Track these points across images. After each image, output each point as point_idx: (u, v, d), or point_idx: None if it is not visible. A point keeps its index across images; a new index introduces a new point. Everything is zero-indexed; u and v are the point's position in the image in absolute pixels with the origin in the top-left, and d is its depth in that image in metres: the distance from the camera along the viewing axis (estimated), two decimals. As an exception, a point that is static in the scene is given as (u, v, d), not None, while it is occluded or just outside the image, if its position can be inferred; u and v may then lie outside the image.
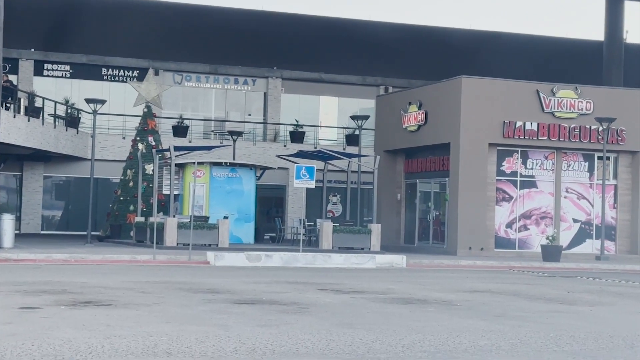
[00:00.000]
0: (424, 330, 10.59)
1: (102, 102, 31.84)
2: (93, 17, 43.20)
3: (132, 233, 33.21)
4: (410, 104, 34.69)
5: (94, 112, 31.34)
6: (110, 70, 43.59)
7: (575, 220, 33.44)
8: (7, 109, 32.84)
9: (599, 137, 32.44)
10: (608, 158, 33.28)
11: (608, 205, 33.17)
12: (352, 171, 35.34)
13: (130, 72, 43.59)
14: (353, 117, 37.33)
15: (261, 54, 44.88)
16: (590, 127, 32.70)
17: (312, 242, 31.70)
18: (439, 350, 9.13)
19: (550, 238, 30.39)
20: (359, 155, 34.48)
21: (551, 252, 29.62)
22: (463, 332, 10.45)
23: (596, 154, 33.26)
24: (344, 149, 40.58)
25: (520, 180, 32.95)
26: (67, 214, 42.58)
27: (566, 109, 32.74)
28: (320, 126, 45.81)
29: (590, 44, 48.77)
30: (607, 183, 32.94)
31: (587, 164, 33.55)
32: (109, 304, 12.53)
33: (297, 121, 43.68)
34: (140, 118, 36.97)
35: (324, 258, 25.58)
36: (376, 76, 46.58)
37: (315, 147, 40.28)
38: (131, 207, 34.86)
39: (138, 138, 36.09)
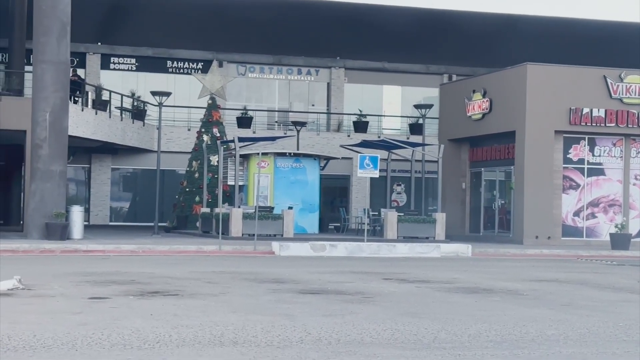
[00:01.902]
0: (490, 319, 10.52)
1: (168, 94, 32.18)
2: (157, 10, 43.65)
3: (198, 224, 33.54)
4: (474, 92, 34.40)
5: (160, 105, 31.68)
6: (174, 62, 44.02)
7: (644, 208, 32.86)
8: (75, 102, 33.41)
9: (669, 123, 31.78)
10: (678, 144, 32.59)
11: (678, 193, 32.51)
12: (416, 160, 35.19)
13: (195, 64, 43.97)
14: (417, 106, 37.16)
15: (324, 44, 44.89)
16: (659, 113, 32.06)
17: (376, 231, 31.67)
18: (505, 339, 9.07)
19: (619, 226, 29.92)
20: (423, 144, 34.32)
21: (620, 240, 29.16)
22: (530, 322, 10.36)
23: (666, 140, 32.61)
24: (408, 138, 40.41)
25: (587, 168, 32.47)
26: (134, 205, 43.18)
27: (635, 94, 32.15)
28: (384, 115, 45.69)
29: (659, 28, 47.74)
30: (678, 170, 32.27)
31: (656, 150, 32.91)
32: (176, 294, 12.68)
33: (360, 111, 43.61)
34: (204, 110, 37.28)
35: (388, 248, 25.53)
36: (440, 64, 46.27)
37: (379, 137, 40.18)
38: (197, 198, 35.19)
39: (203, 130, 36.39)
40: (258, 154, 29.35)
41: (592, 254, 27.40)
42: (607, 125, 31.96)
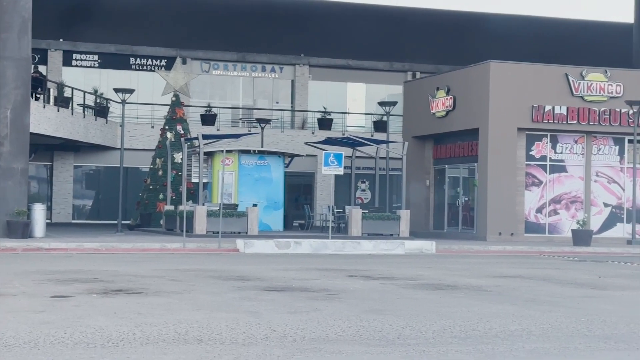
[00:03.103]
0: (454, 315, 10.58)
1: (131, 91, 31.99)
2: (120, 7, 43.37)
3: (161, 221, 33.39)
4: (438, 89, 34.55)
5: (123, 102, 31.49)
6: (138, 59, 43.76)
7: (605, 205, 33.21)
8: (36, 99, 33.10)
9: (630, 120, 32.15)
10: (639, 141, 32.97)
11: (639, 189, 32.88)
12: (381, 157, 35.29)
13: (158, 61, 43.75)
14: (381, 104, 37.25)
15: (288, 41, 44.87)
16: (620, 110, 32.42)
17: (341, 228, 31.72)
18: (469, 335, 9.12)
19: (581, 222, 30.21)
20: (387, 142, 34.42)
21: (582, 236, 29.45)
22: (493, 318, 10.43)
23: (626, 138, 32.97)
24: (372, 136, 40.52)
25: (549, 165, 32.76)
26: (97, 203, 42.89)
27: (596, 92, 32.48)
28: (348, 113, 45.76)
29: (619, 26, 48.29)
30: (638, 166, 32.64)
31: (617, 147, 33.27)
32: (140, 292, 12.61)
33: (324, 108, 43.65)
34: (168, 107, 37.12)
35: (353, 245, 25.58)
36: (404, 62, 46.43)
37: (343, 134, 40.25)
38: (160, 196, 35.04)
39: (167, 127, 36.24)
40: (222, 151, 29.27)
41: (554, 250, 27.64)
42: (568, 122, 32.25)
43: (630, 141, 32.72)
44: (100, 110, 40.09)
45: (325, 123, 43.22)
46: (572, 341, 8.91)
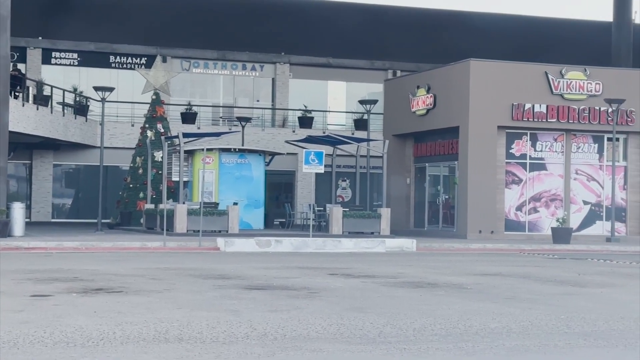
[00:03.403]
0: (435, 313, 10.60)
1: (111, 89, 31.87)
2: (100, 4, 43.19)
3: (142, 220, 33.30)
4: (418, 87, 34.61)
5: (103, 100, 31.37)
6: (118, 57, 43.59)
7: (585, 202, 33.37)
8: (15, 97, 32.89)
9: (609, 118, 32.33)
10: (618, 139, 33.18)
11: (618, 187, 33.08)
12: (361, 156, 35.32)
13: (138, 59, 43.59)
14: (361, 102, 37.28)
15: (269, 39, 44.82)
16: (599, 108, 32.59)
17: (321, 227, 31.72)
18: (450, 333, 9.14)
19: (561, 220, 30.35)
20: (368, 140, 34.45)
21: (561, 234, 29.58)
22: (474, 315, 10.46)
23: (606, 136, 33.15)
24: (353, 134, 40.54)
25: (529, 163, 32.89)
26: (77, 201, 42.70)
27: (575, 90, 32.63)
28: (329, 111, 45.76)
29: (599, 25, 48.54)
30: (617, 164, 32.84)
31: (596, 145, 33.45)
32: (120, 291, 12.57)
33: (305, 106, 43.64)
34: (148, 105, 37.00)
35: (334, 243, 25.60)
36: (384, 60, 46.47)
37: (324, 132, 40.25)
38: (141, 195, 34.94)
39: (147, 125, 36.13)
40: (203, 149, 29.21)
41: (534, 247, 27.75)
42: (548, 120, 32.39)
43: (609, 139, 32.90)
44: (80, 108, 39.91)
45: (306, 121, 43.22)
46: (552, 338, 8.95)
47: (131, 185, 35.68)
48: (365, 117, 37.59)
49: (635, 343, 8.79)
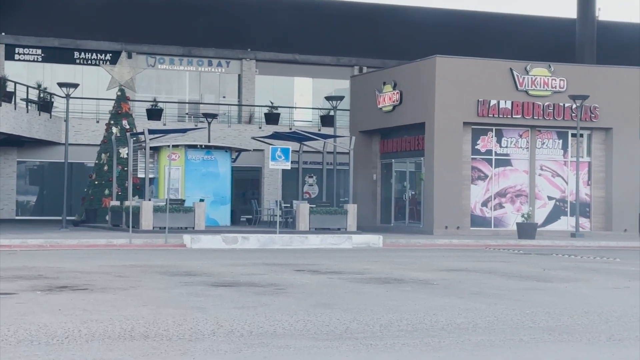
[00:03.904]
0: (401, 309, 10.63)
1: (75, 86, 31.61)
2: (65, 0, 42.82)
3: (107, 217, 33.08)
4: (384, 84, 34.69)
5: (67, 96, 31.11)
6: (82, 53, 43.25)
7: (550, 198, 33.63)
8: (-22, 94, 32.55)
9: (573, 114, 32.60)
10: (582, 135, 33.47)
11: (582, 183, 33.38)
12: (328, 152, 35.34)
13: (103, 55, 43.29)
14: (328, 98, 37.30)
15: (235, 35, 44.68)
16: (564, 104, 32.84)
17: (288, 223, 31.71)
18: (416, 329, 9.17)
19: (526, 216, 30.56)
20: (335, 136, 34.47)
21: (526, 229, 29.79)
22: (440, 311, 10.51)
23: (570, 132, 33.42)
24: (319, 130, 40.54)
25: (495, 159, 33.08)
26: (41, 199, 42.34)
27: (540, 87, 32.86)
28: (295, 107, 45.73)
29: (563, 22, 48.92)
30: (581, 160, 33.14)
31: (561, 141, 33.72)
32: (85, 289, 12.49)
33: (271, 103, 43.57)
34: (113, 101, 36.77)
35: (300, 239, 25.59)
36: (350, 56, 46.51)
37: (291, 129, 40.22)
38: (106, 191, 34.72)
39: (112, 122, 35.91)
40: (168, 146, 29.06)
41: (499, 243, 27.93)
42: (513, 116, 32.60)
43: (573, 135, 33.18)
44: (44, 105, 39.55)
45: (272, 117, 43.15)
46: (517, 333, 9.02)
47: (96, 182, 35.44)
48: (332, 113, 37.60)
49: (599, 337, 8.88)
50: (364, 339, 8.51)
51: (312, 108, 45.71)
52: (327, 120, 42.42)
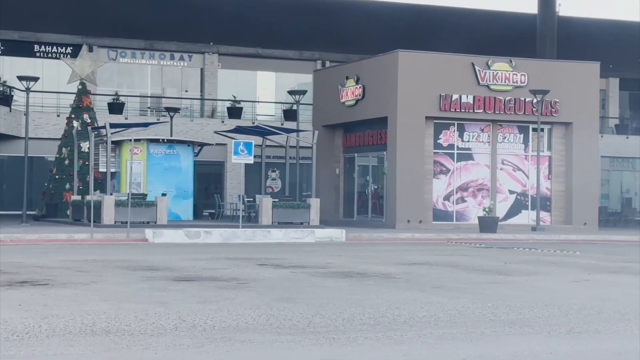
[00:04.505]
0: (364, 303, 10.67)
1: (35, 79, 31.30)
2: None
3: (68, 212, 32.82)
4: (347, 78, 34.72)
5: (27, 90, 30.80)
6: (43, 46, 42.82)
7: (511, 192, 33.89)
8: (-64, 87, 32.12)
9: (534, 109, 32.86)
10: (542, 130, 33.75)
11: (543, 177, 33.67)
12: (291, 146, 35.32)
13: (64, 48, 42.89)
14: (291, 92, 37.25)
15: (197, 29, 44.48)
16: (524, 99, 33.10)
17: (251, 217, 31.66)
18: (378, 322, 9.21)
19: (487, 210, 30.77)
20: (297, 131, 34.46)
21: (488, 223, 30.00)
22: (402, 304, 10.55)
23: (531, 126, 33.69)
24: (282, 124, 40.51)
25: (457, 153, 33.26)
26: (1, 193, 41.88)
27: (501, 81, 33.08)
28: (258, 102, 45.64)
29: (524, 17, 49.26)
30: (542, 154, 33.42)
31: (522, 135, 33.98)
32: (46, 284, 12.38)
33: (234, 97, 43.44)
34: (74, 95, 36.46)
35: (263, 233, 25.57)
36: (313, 51, 46.50)
37: (253, 123, 40.11)
38: (67, 186, 34.43)
39: (73, 115, 35.61)
40: (130, 140, 28.89)
41: (461, 237, 28.10)
42: (475, 111, 32.79)
43: (534, 129, 33.45)
44: (4, 98, 39.10)
45: (235, 112, 43.03)
46: (479, 326, 9.08)
47: (57, 177, 35.14)
48: (295, 107, 37.58)
49: (559, 330, 8.97)
50: (326, 333, 8.53)
51: (275, 102, 45.66)
52: (290, 114, 42.40)
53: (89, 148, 32.04)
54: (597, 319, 9.70)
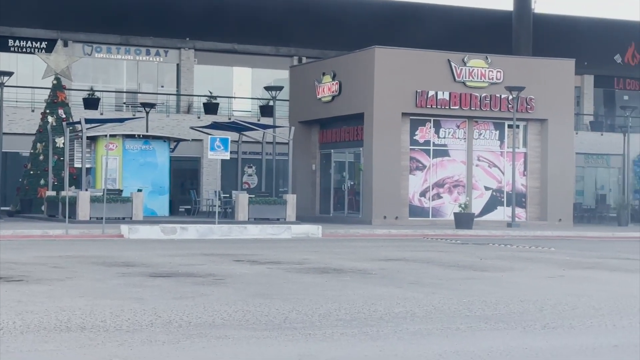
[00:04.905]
0: (340, 299, 10.68)
1: (10, 74, 31.10)
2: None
3: (43, 207, 32.64)
4: (324, 74, 34.72)
5: (1, 85, 30.58)
6: (17, 41, 42.49)
7: (486, 188, 34.03)
8: None
9: (509, 105, 33.00)
10: (518, 126, 33.91)
11: (518, 173, 33.83)
12: (267, 142, 35.28)
13: (39, 43, 42.58)
14: (267, 88, 37.21)
15: (173, 24, 44.29)
16: (500, 96, 33.23)
17: (227, 213, 31.61)
18: (354, 318, 9.22)
19: (463, 206, 30.88)
20: (274, 127, 34.42)
21: (464, 219, 30.11)
22: (378, 300, 10.57)
23: (506, 123, 33.84)
24: (259, 120, 40.45)
25: (433, 150, 33.36)
26: (-25, 189, 41.53)
27: (477, 78, 33.19)
28: (234, 97, 45.54)
29: (500, 13, 49.41)
30: (517, 151, 33.58)
31: (497, 132, 34.12)
32: (21, 280, 12.31)
33: (210, 92, 43.31)
34: (49, 90, 36.23)
35: (239, 229, 25.53)
36: (290, 47, 46.43)
37: (230, 119, 40.02)
38: (42, 181, 34.23)
39: (48, 111, 35.40)
40: (106, 135, 28.75)
41: (437, 233, 28.19)
42: (451, 107, 32.89)
43: (509, 126, 33.60)
44: (-22, 93, 38.79)
45: (211, 107, 42.89)
46: (454, 322, 9.12)
47: (32, 172, 34.92)
48: (271, 103, 37.53)
49: (534, 325, 9.02)
50: (302, 328, 8.53)
51: (252, 98, 45.56)
52: (266, 110, 42.31)
53: (64, 143, 31.86)
54: (571, 315, 9.76)
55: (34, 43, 42.59)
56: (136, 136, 32.64)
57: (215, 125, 34.23)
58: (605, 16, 55.51)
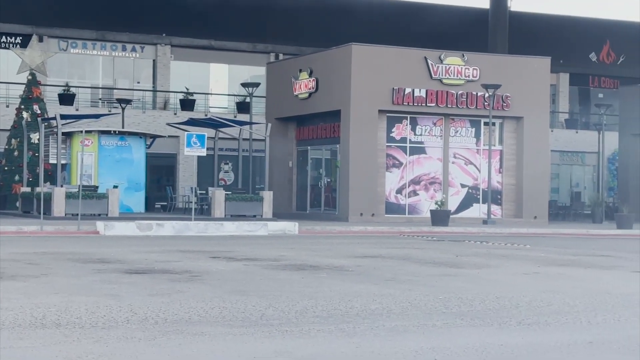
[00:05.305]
0: (317, 295, 10.68)
1: (-16, 69, 30.88)
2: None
3: (18, 204, 32.45)
4: (300, 71, 34.70)
5: (-24, 80, 30.36)
6: (-8, 36, 42.16)
7: (463, 185, 34.15)
8: None
9: (485, 103, 33.13)
10: (494, 124, 34.05)
11: (494, 170, 33.98)
12: (244, 139, 35.23)
13: (13, 38, 42.27)
14: (244, 85, 37.15)
15: (149, 20, 44.11)
16: (476, 93, 33.36)
17: (204, 210, 31.55)
18: (331, 315, 9.23)
19: (439, 203, 30.98)
20: (250, 123, 34.38)
21: (440, 216, 30.20)
22: (355, 297, 10.59)
23: (482, 120, 33.97)
24: (235, 117, 40.37)
25: (409, 147, 33.43)
26: (-52, 185, 41.19)
27: (453, 75, 33.30)
28: (211, 94, 45.42)
29: (476, 11, 49.58)
30: (493, 148, 33.72)
31: (474, 129, 34.24)
32: (-5, 277, 12.22)
33: (187, 89, 43.18)
34: (24, 86, 36.00)
35: (216, 226, 25.48)
36: (266, 43, 46.36)
37: (206, 115, 39.91)
38: (16, 177, 34.03)
39: (22, 106, 35.18)
40: (81, 131, 28.60)
41: (414, 230, 28.26)
42: (427, 105, 32.97)
43: (485, 123, 33.73)
44: (-48, 88, 38.51)
45: (187, 104, 42.77)
46: (430, 318, 9.14)
47: (6, 168, 34.70)
48: (248, 100, 37.47)
49: (510, 322, 9.06)
50: (279, 325, 8.53)
51: (228, 94, 45.47)
52: (243, 107, 42.24)
53: (38, 139, 31.68)
54: (547, 311, 9.81)
55: (8, 38, 42.29)
56: (112, 132, 32.51)
57: (192, 122, 34.14)
58: (580, 15, 55.81)
